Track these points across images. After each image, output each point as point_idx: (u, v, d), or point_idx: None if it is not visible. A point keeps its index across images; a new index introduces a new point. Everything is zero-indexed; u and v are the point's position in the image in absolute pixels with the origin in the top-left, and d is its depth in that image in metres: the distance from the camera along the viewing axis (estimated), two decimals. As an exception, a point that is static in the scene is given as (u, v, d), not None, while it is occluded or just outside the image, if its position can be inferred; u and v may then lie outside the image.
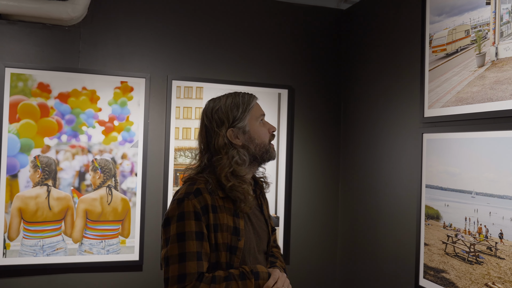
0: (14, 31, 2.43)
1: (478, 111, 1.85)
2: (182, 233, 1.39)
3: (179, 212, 1.41)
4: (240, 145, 1.52)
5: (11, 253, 2.38)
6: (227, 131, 1.51)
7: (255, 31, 2.85)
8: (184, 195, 1.44)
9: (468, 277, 1.87)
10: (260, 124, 1.56)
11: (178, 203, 1.43)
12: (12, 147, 2.39)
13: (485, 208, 1.80)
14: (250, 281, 1.40)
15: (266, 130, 1.57)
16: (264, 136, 1.55)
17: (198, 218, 1.41)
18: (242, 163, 1.50)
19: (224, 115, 1.52)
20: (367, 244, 2.67)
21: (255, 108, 1.56)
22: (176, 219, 1.41)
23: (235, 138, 1.51)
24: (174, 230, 1.40)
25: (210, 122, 1.53)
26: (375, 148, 2.62)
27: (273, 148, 1.59)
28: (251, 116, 1.54)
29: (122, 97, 2.57)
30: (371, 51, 2.71)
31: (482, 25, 1.86)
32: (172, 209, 1.44)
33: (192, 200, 1.42)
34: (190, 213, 1.41)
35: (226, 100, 1.55)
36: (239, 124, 1.52)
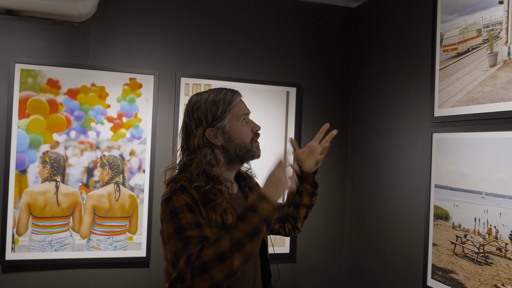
0: (24, 27, 2.44)
1: (490, 111, 1.84)
2: (180, 227, 1.32)
3: (170, 211, 1.35)
4: (219, 145, 1.48)
5: (20, 248, 2.40)
6: (206, 131, 1.47)
7: (264, 29, 2.85)
8: (170, 193, 1.39)
9: (477, 278, 1.86)
10: (242, 123, 1.51)
11: (167, 202, 1.37)
12: (21, 143, 2.40)
13: (495, 209, 1.79)
14: (250, 217, 1.28)
15: (249, 130, 1.52)
16: (245, 136, 1.50)
17: (192, 210, 1.35)
18: (216, 164, 1.45)
19: (203, 114, 1.48)
20: (374, 243, 2.66)
21: (237, 107, 1.50)
22: (170, 216, 1.35)
23: (214, 138, 1.48)
24: (171, 228, 1.33)
25: (190, 120, 1.51)
26: (384, 147, 2.61)
27: (257, 147, 1.54)
28: (232, 115, 1.49)
29: (131, 94, 2.57)
30: (381, 50, 2.69)
31: (494, 24, 1.85)
32: (163, 211, 1.38)
33: (180, 195, 1.37)
34: (183, 207, 1.35)
35: (208, 96, 1.50)
36: (218, 124, 1.48)
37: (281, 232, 1.77)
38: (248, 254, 1.27)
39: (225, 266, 1.23)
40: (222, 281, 1.24)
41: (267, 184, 1.35)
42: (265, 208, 1.29)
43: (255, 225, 1.27)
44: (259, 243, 1.29)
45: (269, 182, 1.35)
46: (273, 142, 2.80)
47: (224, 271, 1.23)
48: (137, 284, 2.59)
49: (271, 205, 1.31)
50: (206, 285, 1.23)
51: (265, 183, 1.36)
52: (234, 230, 1.27)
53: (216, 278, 1.22)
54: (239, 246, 1.25)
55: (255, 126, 1.54)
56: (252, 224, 1.27)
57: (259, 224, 1.27)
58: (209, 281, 1.22)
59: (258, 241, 1.28)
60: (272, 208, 1.31)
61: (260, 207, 1.29)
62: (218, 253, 1.23)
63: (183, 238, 1.29)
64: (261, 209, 1.29)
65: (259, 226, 1.27)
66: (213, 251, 1.24)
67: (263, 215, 1.28)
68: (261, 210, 1.29)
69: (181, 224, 1.32)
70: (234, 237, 1.25)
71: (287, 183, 1.36)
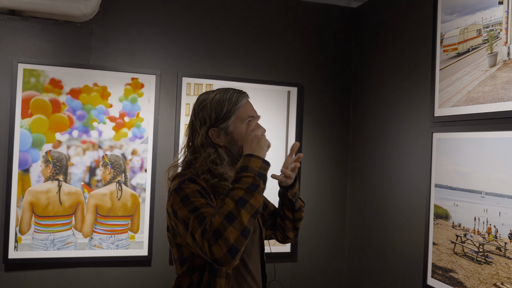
0: (26, 27, 2.45)
1: (489, 111, 1.85)
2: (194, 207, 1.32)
3: (181, 197, 1.35)
4: (222, 145, 1.48)
5: (22, 246, 2.42)
6: (209, 130, 1.48)
7: (265, 28, 2.86)
8: (179, 183, 1.39)
9: (477, 277, 1.87)
10: (246, 125, 1.49)
11: (176, 191, 1.37)
12: (24, 142, 2.42)
13: (495, 208, 1.80)
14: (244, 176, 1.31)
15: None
16: None
17: (203, 195, 1.36)
18: (220, 162, 1.46)
19: (207, 114, 1.49)
20: (375, 243, 2.67)
21: (242, 109, 1.49)
22: (182, 203, 1.35)
23: (217, 138, 1.48)
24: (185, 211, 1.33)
25: (195, 119, 1.52)
26: (385, 147, 2.62)
27: None
28: (236, 117, 1.48)
29: (133, 94, 2.59)
30: (382, 50, 2.70)
31: (494, 24, 1.86)
32: (173, 200, 1.37)
33: (190, 184, 1.38)
34: (194, 193, 1.36)
35: (214, 96, 1.50)
36: (222, 124, 1.48)
37: (276, 239, 1.78)
38: (254, 208, 1.29)
39: (236, 225, 1.24)
40: (237, 242, 1.24)
41: (248, 145, 1.40)
42: (255, 165, 1.34)
43: (251, 181, 1.31)
44: (261, 197, 1.32)
45: (249, 143, 1.40)
46: (274, 141, 2.81)
47: (236, 230, 1.24)
48: (139, 283, 2.61)
49: (259, 160, 1.36)
50: (223, 251, 1.22)
51: (245, 146, 1.40)
52: (233, 191, 1.30)
53: (230, 240, 1.22)
54: (243, 203, 1.27)
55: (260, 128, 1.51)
56: (248, 181, 1.31)
57: (254, 180, 1.31)
58: (225, 245, 1.22)
59: (259, 195, 1.31)
60: (262, 163, 1.35)
61: (250, 165, 1.34)
62: (226, 214, 1.25)
63: (198, 215, 1.30)
64: (251, 166, 1.33)
65: (256, 181, 1.31)
66: (220, 215, 1.25)
67: (255, 171, 1.33)
68: (252, 167, 1.33)
69: (195, 205, 1.32)
70: (236, 196, 1.28)
71: (266, 139, 1.42)
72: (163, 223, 2.64)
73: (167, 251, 2.64)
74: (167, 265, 2.64)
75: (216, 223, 1.24)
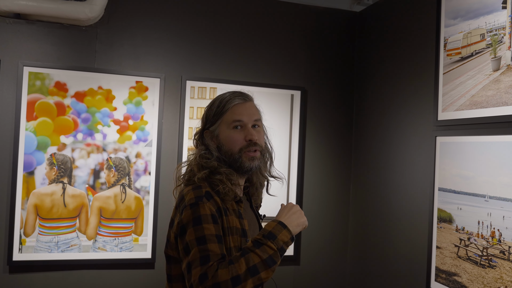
0: (32, 30, 2.47)
1: (493, 115, 1.85)
2: (202, 237, 1.28)
3: (194, 217, 1.31)
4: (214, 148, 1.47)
5: (27, 248, 2.42)
6: (204, 132, 1.50)
7: (269, 32, 2.87)
8: (196, 199, 1.34)
9: (481, 280, 1.87)
10: (233, 130, 1.45)
11: (192, 207, 1.33)
12: (29, 145, 2.43)
13: (498, 212, 1.80)
14: (267, 245, 1.28)
15: (241, 137, 1.45)
16: (233, 144, 1.45)
17: (216, 221, 1.33)
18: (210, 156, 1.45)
19: (205, 115, 1.52)
20: (378, 246, 2.67)
21: (229, 112, 1.46)
22: (193, 223, 1.30)
23: (210, 140, 1.48)
24: (192, 235, 1.29)
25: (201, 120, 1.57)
26: (388, 151, 2.63)
27: (249, 158, 1.45)
28: (222, 121, 1.46)
29: (137, 97, 2.60)
30: (385, 54, 2.71)
31: (498, 29, 1.86)
32: (186, 216, 1.33)
33: (206, 204, 1.33)
34: (208, 216, 1.31)
35: (215, 98, 1.53)
36: (211, 127, 1.48)
37: None
38: (261, 281, 1.26)
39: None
40: None
41: (287, 214, 1.37)
42: (283, 238, 1.31)
43: (272, 253, 1.28)
44: (272, 272, 1.28)
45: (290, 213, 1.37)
46: (277, 145, 2.82)
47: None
48: (142, 285, 2.61)
49: (289, 235, 1.33)
50: None
51: (284, 212, 1.37)
52: (251, 254, 1.26)
53: None
54: (254, 273, 1.24)
55: (248, 134, 1.46)
56: (270, 252, 1.28)
57: (275, 255, 1.28)
58: None
59: (272, 270, 1.28)
60: (289, 240, 1.33)
61: (279, 236, 1.30)
62: (234, 276, 1.21)
63: (203, 251, 1.26)
64: (280, 238, 1.30)
65: (276, 256, 1.28)
66: (229, 273, 1.22)
67: (280, 244, 1.30)
68: (279, 239, 1.30)
69: (204, 234, 1.29)
70: (251, 262, 1.25)
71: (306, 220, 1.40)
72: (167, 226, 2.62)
73: (170, 254, 2.64)
74: (171, 268, 2.65)
75: (220, 278, 1.21)
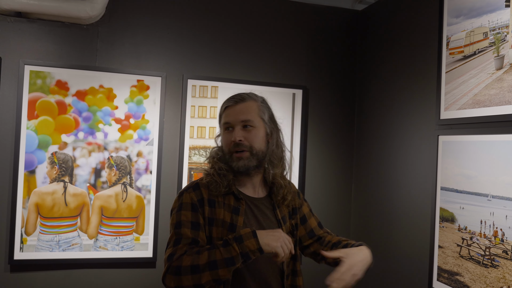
0: (33, 29, 2.47)
1: (496, 114, 1.84)
2: (179, 222, 1.47)
3: (178, 204, 1.51)
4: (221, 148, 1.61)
5: (28, 247, 2.42)
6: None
7: (270, 31, 2.86)
8: (184, 188, 1.55)
9: (483, 280, 1.86)
10: (225, 132, 1.56)
11: (179, 196, 1.54)
12: (30, 144, 2.43)
13: (501, 211, 1.79)
14: (232, 246, 1.34)
15: (230, 139, 1.53)
16: (225, 145, 1.56)
17: (195, 209, 1.49)
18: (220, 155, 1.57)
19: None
20: (380, 245, 2.67)
21: (223, 116, 1.58)
22: (176, 210, 1.51)
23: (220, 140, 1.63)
24: (174, 220, 1.49)
25: None
26: (390, 150, 2.62)
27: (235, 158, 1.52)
28: (221, 124, 1.61)
29: (138, 96, 2.59)
30: (387, 52, 2.70)
31: (501, 27, 1.85)
32: (174, 202, 1.55)
33: (190, 193, 1.51)
34: (187, 204, 1.49)
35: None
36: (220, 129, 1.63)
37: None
38: (218, 276, 1.35)
39: (194, 278, 1.34)
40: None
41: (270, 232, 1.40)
42: (249, 246, 1.35)
43: (234, 255, 1.34)
44: (230, 272, 1.36)
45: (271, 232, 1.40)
46: (279, 144, 2.81)
47: (192, 281, 1.35)
48: (144, 284, 2.61)
49: (257, 246, 1.35)
50: (172, 285, 1.37)
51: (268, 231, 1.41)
52: (215, 250, 1.36)
53: (183, 284, 1.35)
54: (213, 267, 1.34)
55: (232, 136, 1.53)
56: (233, 253, 1.34)
57: (237, 256, 1.34)
58: (177, 283, 1.36)
59: (230, 270, 1.35)
60: (255, 249, 1.35)
61: (246, 243, 1.35)
62: (194, 265, 1.35)
63: (177, 234, 1.45)
64: (246, 244, 1.35)
65: (237, 258, 1.34)
66: (190, 261, 1.36)
67: (244, 250, 1.34)
68: (246, 245, 1.35)
69: (180, 219, 1.47)
70: (212, 257, 1.35)
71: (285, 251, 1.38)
72: (168, 225, 2.64)
73: (171, 253, 2.64)
74: (172, 267, 2.64)
75: (182, 262, 1.36)
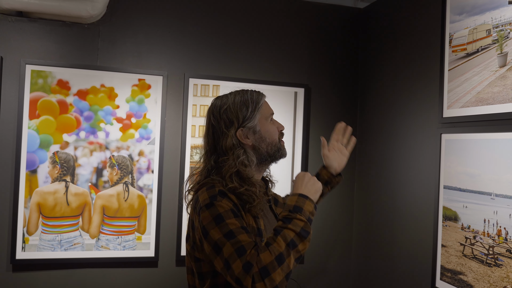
0: (34, 28, 2.46)
1: (499, 112, 1.83)
2: (229, 232, 1.29)
3: (214, 217, 1.32)
4: (250, 145, 1.49)
5: (30, 247, 2.42)
6: (237, 131, 1.48)
7: (272, 29, 2.85)
8: (210, 199, 1.36)
9: (487, 279, 1.85)
10: (270, 122, 1.55)
11: (208, 208, 1.34)
12: (32, 143, 2.43)
13: (505, 210, 1.78)
14: (297, 218, 1.33)
15: (276, 128, 1.56)
16: (274, 134, 1.54)
17: (236, 215, 1.34)
18: (249, 164, 1.46)
19: (233, 114, 1.48)
20: (382, 244, 2.66)
21: (264, 107, 1.53)
22: (215, 223, 1.31)
23: (245, 138, 1.49)
24: (219, 234, 1.29)
25: (218, 122, 1.49)
26: (392, 148, 2.61)
27: (284, 146, 1.59)
28: (261, 115, 1.51)
29: (140, 95, 2.59)
30: (389, 50, 2.68)
31: (504, 24, 1.84)
32: (205, 217, 1.34)
33: (222, 201, 1.35)
34: (227, 212, 1.33)
35: (234, 98, 1.51)
36: (249, 124, 1.49)
37: None
38: (300, 253, 1.32)
39: (284, 267, 1.25)
40: (281, 284, 1.26)
41: (303, 184, 1.43)
42: (307, 208, 1.37)
43: (303, 225, 1.33)
44: (308, 242, 1.34)
45: (305, 183, 1.43)
46: (281, 142, 2.80)
47: (283, 272, 1.25)
48: (146, 284, 2.61)
49: (312, 205, 1.40)
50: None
51: (299, 184, 1.43)
52: (285, 231, 1.30)
53: (276, 282, 1.24)
54: (293, 246, 1.29)
55: (280, 125, 1.59)
56: (301, 224, 1.33)
57: (306, 225, 1.34)
58: (271, 285, 1.23)
59: (308, 242, 1.33)
60: (313, 209, 1.40)
61: (305, 207, 1.37)
62: (277, 255, 1.25)
63: (235, 243, 1.27)
64: (305, 209, 1.37)
65: (307, 227, 1.34)
66: (271, 254, 1.25)
67: (307, 215, 1.36)
68: (305, 210, 1.37)
69: (230, 229, 1.30)
70: (288, 237, 1.29)
71: (321, 185, 1.47)
72: (170, 224, 2.64)
73: (173, 253, 2.64)
74: (174, 266, 2.64)
75: (265, 261, 1.23)
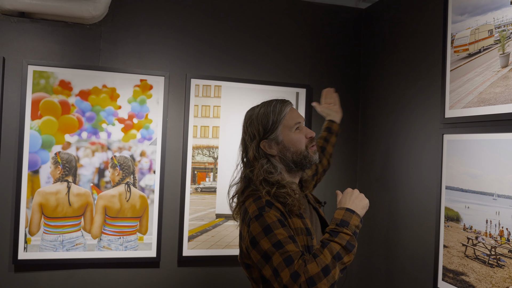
0: (37, 29, 2.47)
1: (501, 112, 1.82)
2: (278, 242, 1.38)
3: (263, 227, 1.41)
4: (275, 155, 1.57)
5: (32, 247, 2.43)
6: (261, 143, 1.57)
7: (273, 30, 2.85)
8: (259, 210, 1.45)
9: (489, 280, 1.84)
10: (295, 132, 1.59)
11: (257, 219, 1.43)
12: (34, 144, 2.43)
13: (507, 210, 1.77)
14: (343, 232, 1.41)
15: (303, 136, 1.59)
16: (299, 143, 1.58)
17: (284, 224, 1.43)
18: (274, 171, 1.54)
19: (255, 128, 1.58)
20: (384, 245, 2.65)
21: (288, 117, 1.58)
22: (264, 234, 1.40)
23: (269, 149, 1.57)
24: (268, 244, 1.39)
25: (245, 134, 1.62)
26: (394, 149, 2.60)
27: (314, 151, 1.61)
28: (283, 126, 1.58)
29: (142, 95, 2.59)
30: (391, 51, 2.68)
31: (506, 25, 1.83)
32: (254, 228, 1.43)
33: (270, 212, 1.44)
34: (275, 223, 1.42)
35: (259, 110, 1.60)
36: (271, 135, 1.57)
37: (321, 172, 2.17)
38: (345, 265, 1.39)
39: (329, 278, 1.33)
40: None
41: (351, 200, 1.51)
42: (354, 223, 1.44)
43: (349, 238, 1.40)
44: (353, 255, 1.41)
45: (353, 199, 1.51)
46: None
47: (328, 283, 1.33)
48: (147, 284, 2.61)
49: (358, 219, 1.46)
50: None
51: (347, 199, 1.50)
52: (332, 244, 1.38)
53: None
54: (339, 258, 1.37)
55: (308, 132, 1.61)
56: (346, 238, 1.40)
57: (352, 239, 1.41)
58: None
59: (353, 253, 1.40)
60: (359, 223, 1.46)
61: (351, 222, 1.44)
62: (323, 266, 1.33)
63: (284, 253, 1.36)
64: (352, 223, 1.44)
65: (353, 240, 1.41)
66: (318, 266, 1.33)
67: (353, 229, 1.43)
68: (352, 224, 1.44)
69: (278, 239, 1.38)
70: (334, 250, 1.37)
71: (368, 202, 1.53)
72: (172, 224, 2.64)
73: (175, 253, 2.64)
74: (176, 266, 2.64)
75: (312, 272, 1.31)
